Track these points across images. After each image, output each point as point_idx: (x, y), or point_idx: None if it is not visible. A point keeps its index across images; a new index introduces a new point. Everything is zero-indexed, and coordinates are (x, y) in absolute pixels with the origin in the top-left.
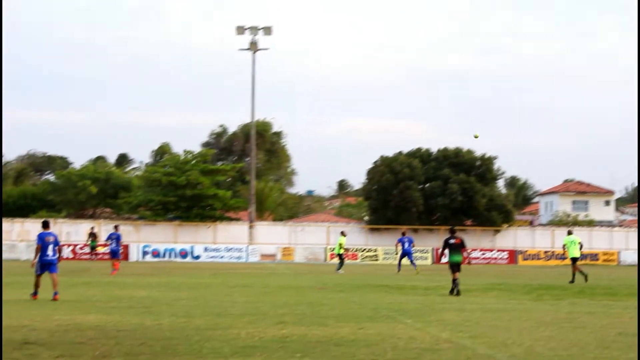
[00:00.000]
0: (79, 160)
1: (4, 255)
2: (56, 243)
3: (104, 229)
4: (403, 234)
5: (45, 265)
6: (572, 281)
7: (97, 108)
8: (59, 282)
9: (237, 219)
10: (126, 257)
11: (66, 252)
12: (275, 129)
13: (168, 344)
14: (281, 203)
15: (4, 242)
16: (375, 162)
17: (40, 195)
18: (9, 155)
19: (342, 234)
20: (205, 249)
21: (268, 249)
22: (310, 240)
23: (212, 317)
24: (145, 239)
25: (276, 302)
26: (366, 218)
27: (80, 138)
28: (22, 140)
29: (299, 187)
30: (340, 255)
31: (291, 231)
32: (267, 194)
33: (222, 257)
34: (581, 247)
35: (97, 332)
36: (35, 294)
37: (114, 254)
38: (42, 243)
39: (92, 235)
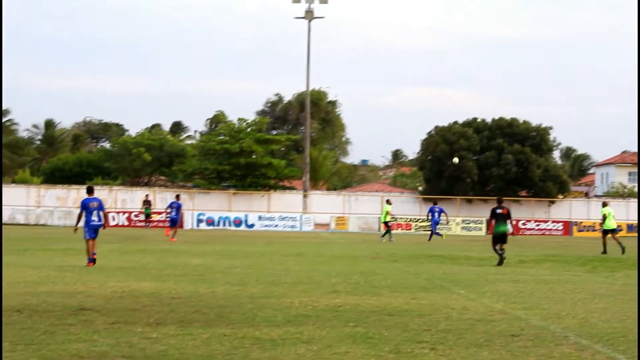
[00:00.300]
0: (134, 127)
1: (61, 222)
2: (100, 208)
3: (158, 197)
4: (434, 203)
5: (92, 230)
6: (605, 252)
7: (153, 76)
8: (96, 246)
9: (291, 188)
10: (181, 225)
11: (121, 219)
12: (330, 98)
13: (222, 311)
14: (335, 172)
15: (60, 208)
16: (429, 132)
17: (96, 162)
18: (66, 122)
19: (388, 202)
20: (260, 218)
21: (322, 218)
22: (364, 209)
23: (265, 286)
24: (199, 207)
25: (330, 271)
26: (420, 188)
27: (136, 105)
28: (78, 107)
29: (354, 156)
30: (386, 223)
31: (345, 200)
32: (321, 163)
33: (276, 225)
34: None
35: (151, 299)
36: (90, 260)
37: (173, 222)
38: (87, 209)
39: (147, 203)
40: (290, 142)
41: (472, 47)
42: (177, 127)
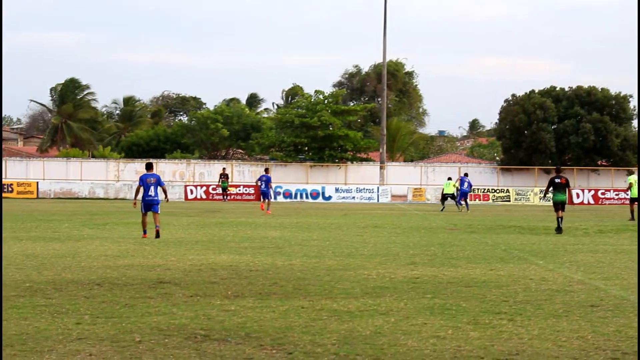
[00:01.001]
0: (211, 101)
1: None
2: (158, 183)
3: (236, 170)
4: (465, 174)
5: (148, 205)
6: (633, 219)
7: (230, 49)
8: (159, 219)
9: (368, 160)
10: (258, 198)
11: (199, 192)
12: (407, 69)
13: (299, 284)
14: (412, 143)
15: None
16: (507, 101)
17: (174, 136)
18: (144, 96)
19: (449, 179)
20: (337, 190)
21: (399, 189)
22: (441, 180)
23: (343, 258)
24: (277, 179)
25: (407, 242)
26: (498, 158)
27: (213, 79)
28: (156, 81)
29: (431, 127)
30: (452, 196)
31: (422, 172)
32: (398, 134)
33: (353, 197)
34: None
35: (229, 272)
36: (144, 232)
37: (264, 196)
38: (144, 184)
39: (224, 176)
40: (367, 112)
41: (550, 15)
42: (254, 100)
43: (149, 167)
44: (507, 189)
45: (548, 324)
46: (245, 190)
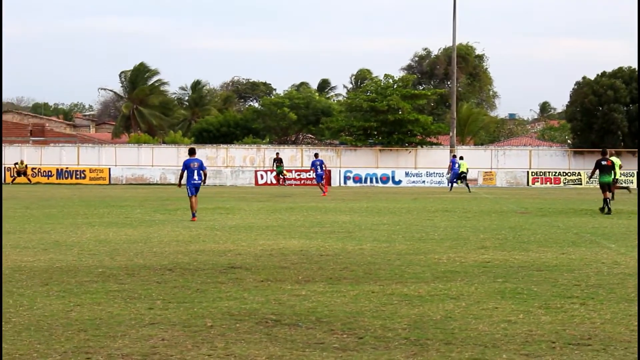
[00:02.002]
0: (282, 86)
1: (210, 181)
2: (201, 168)
3: (306, 155)
4: (454, 155)
5: (193, 188)
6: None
7: (300, 34)
8: (197, 205)
9: (438, 144)
10: (329, 182)
11: (269, 177)
12: (477, 52)
13: (370, 268)
14: (482, 127)
15: (210, 167)
16: (577, 84)
17: (244, 122)
18: (214, 82)
19: (461, 158)
20: (406, 174)
21: (469, 173)
22: (512, 164)
23: (413, 242)
24: (347, 164)
25: (477, 226)
26: (569, 141)
27: (283, 64)
28: (226, 67)
29: (501, 110)
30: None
31: (493, 155)
32: (468, 118)
33: (423, 181)
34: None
35: (300, 256)
36: (193, 215)
37: (320, 178)
38: (188, 169)
39: (278, 161)
40: (437, 95)
41: None
42: (325, 85)
43: (191, 152)
44: (579, 172)
45: (620, 308)
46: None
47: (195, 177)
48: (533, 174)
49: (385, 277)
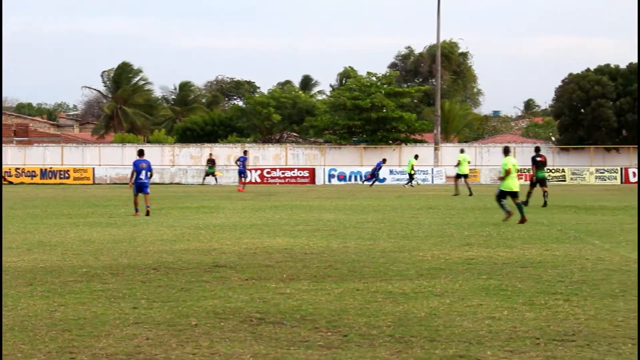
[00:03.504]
0: (266, 85)
1: (194, 180)
2: (148, 169)
3: (290, 153)
4: (416, 157)
5: (139, 187)
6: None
7: (283, 33)
8: (149, 200)
9: (423, 141)
10: (313, 181)
11: (254, 176)
12: (462, 49)
13: (354, 266)
14: (467, 124)
15: (194, 166)
16: (563, 80)
17: (228, 120)
18: (198, 81)
19: (416, 157)
20: (391, 172)
21: (454, 170)
22: (496, 161)
23: (397, 240)
24: (331, 162)
25: (462, 223)
26: (553, 138)
27: (267, 63)
28: (210, 66)
29: (485, 107)
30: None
31: (477, 152)
32: (453, 115)
33: (407, 179)
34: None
35: (284, 255)
36: (136, 211)
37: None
38: (137, 169)
39: (211, 162)
40: (421, 93)
41: None
42: (308, 82)
43: (140, 153)
44: (563, 169)
45: (604, 304)
46: (300, 173)
47: (142, 176)
48: (517, 170)
49: (369, 275)
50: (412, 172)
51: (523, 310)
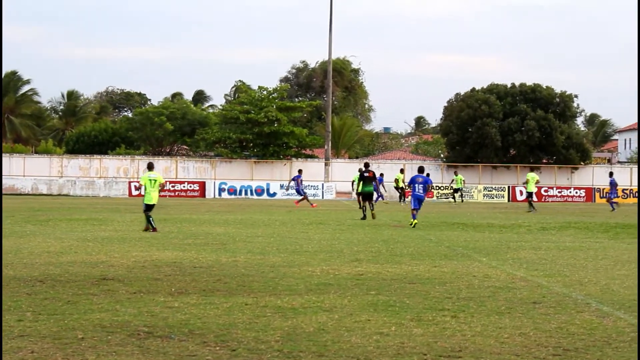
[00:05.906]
0: (156, 97)
1: (83, 192)
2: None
3: (180, 167)
4: (381, 175)
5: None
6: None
7: (175, 45)
8: None
9: (313, 157)
10: (203, 195)
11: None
12: (354, 66)
13: (243, 280)
14: (357, 140)
15: (83, 178)
16: (449, 101)
17: (119, 132)
18: (88, 92)
19: (401, 171)
20: (281, 186)
21: (344, 186)
22: (386, 178)
23: (287, 255)
24: (221, 176)
25: (351, 239)
26: (442, 155)
27: (158, 75)
28: (100, 77)
29: (376, 124)
30: (398, 188)
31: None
32: (344, 131)
33: (297, 194)
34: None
35: (173, 268)
36: None
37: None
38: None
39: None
40: (312, 107)
41: (493, 13)
42: (200, 96)
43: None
44: (451, 186)
45: (491, 321)
46: (190, 186)
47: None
48: (406, 187)
49: (258, 289)
50: (401, 184)
51: (411, 326)
